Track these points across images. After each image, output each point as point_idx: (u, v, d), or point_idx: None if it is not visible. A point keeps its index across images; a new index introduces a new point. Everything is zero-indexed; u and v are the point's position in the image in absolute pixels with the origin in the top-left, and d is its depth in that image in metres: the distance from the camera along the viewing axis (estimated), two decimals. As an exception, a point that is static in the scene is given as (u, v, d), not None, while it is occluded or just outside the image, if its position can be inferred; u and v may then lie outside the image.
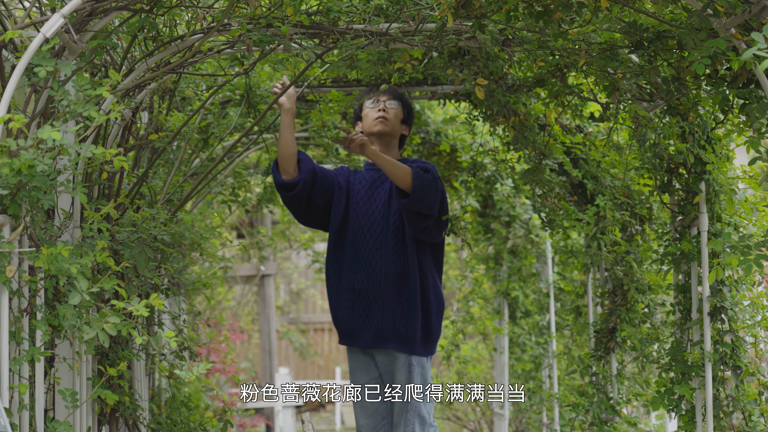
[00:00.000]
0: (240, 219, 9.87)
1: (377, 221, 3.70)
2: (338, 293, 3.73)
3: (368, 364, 3.74)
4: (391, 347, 3.64)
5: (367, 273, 3.67)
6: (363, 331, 3.68)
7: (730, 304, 3.53)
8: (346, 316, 3.70)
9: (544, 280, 6.72)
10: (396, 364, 3.65)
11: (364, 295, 3.67)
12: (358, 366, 3.75)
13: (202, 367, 2.79)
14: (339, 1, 3.24)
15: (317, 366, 14.14)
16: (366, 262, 3.67)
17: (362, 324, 3.67)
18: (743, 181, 3.71)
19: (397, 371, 3.64)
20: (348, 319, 3.69)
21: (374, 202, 3.73)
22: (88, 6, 2.72)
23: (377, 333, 3.65)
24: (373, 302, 3.65)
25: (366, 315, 3.66)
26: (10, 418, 2.60)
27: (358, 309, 3.67)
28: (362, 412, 3.73)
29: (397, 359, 3.65)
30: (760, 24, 2.56)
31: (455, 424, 9.36)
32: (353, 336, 3.71)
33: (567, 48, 3.27)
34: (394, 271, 3.65)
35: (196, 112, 3.98)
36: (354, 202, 3.75)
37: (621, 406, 4.67)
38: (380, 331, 3.64)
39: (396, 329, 3.62)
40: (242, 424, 8.95)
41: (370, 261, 3.67)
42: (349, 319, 3.69)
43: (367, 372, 3.73)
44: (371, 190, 3.76)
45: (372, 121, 3.75)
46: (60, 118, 2.62)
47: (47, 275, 2.69)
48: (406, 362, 3.63)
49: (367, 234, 3.70)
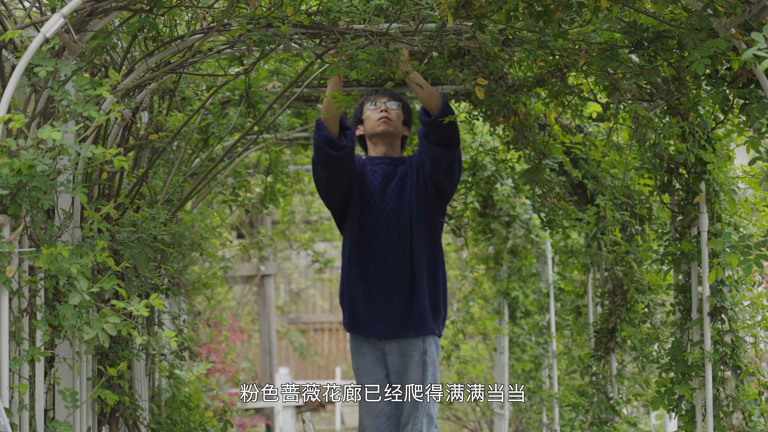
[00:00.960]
0: (240, 219, 9.87)
1: (391, 213, 3.75)
2: (353, 283, 3.77)
3: (376, 364, 3.72)
4: (410, 335, 3.68)
5: (383, 264, 3.71)
6: (381, 321, 3.69)
7: (730, 304, 3.53)
8: (362, 306, 3.73)
9: (544, 280, 6.72)
10: (409, 362, 3.66)
11: (381, 285, 3.71)
12: (366, 366, 3.74)
13: (202, 367, 2.80)
14: (339, 1, 3.24)
15: (317, 366, 14.14)
16: (382, 252, 3.71)
17: (381, 314, 3.69)
18: (743, 181, 3.71)
19: (411, 369, 3.66)
20: (365, 310, 3.71)
21: (387, 194, 3.77)
22: (88, 6, 2.72)
23: (396, 323, 3.68)
24: (392, 293, 3.68)
25: (385, 306, 3.68)
26: (10, 418, 2.60)
27: (375, 300, 3.70)
28: (367, 413, 3.73)
29: (411, 355, 3.66)
30: (760, 24, 2.56)
31: (455, 424, 9.36)
32: (368, 327, 3.71)
33: (567, 48, 3.27)
34: (408, 262, 3.71)
35: (196, 112, 3.98)
36: (368, 193, 3.80)
37: (621, 406, 4.67)
38: (398, 321, 3.67)
39: (412, 317, 3.67)
40: (242, 424, 8.95)
41: (386, 251, 3.72)
42: (366, 309, 3.70)
43: (374, 372, 3.73)
44: (384, 182, 3.80)
45: (375, 122, 3.78)
46: (60, 118, 2.62)
47: (47, 275, 2.69)
48: (420, 350, 3.66)
49: (381, 225, 3.75)
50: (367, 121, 3.82)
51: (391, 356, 3.71)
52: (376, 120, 3.78)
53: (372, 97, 3.84)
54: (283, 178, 6.30)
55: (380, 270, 3.72)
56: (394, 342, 3.70)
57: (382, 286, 3.72)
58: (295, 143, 6.14)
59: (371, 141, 3.87)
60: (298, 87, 4.37)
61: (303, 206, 9.16)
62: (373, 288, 3.72)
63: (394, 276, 3.70)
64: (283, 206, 7.38)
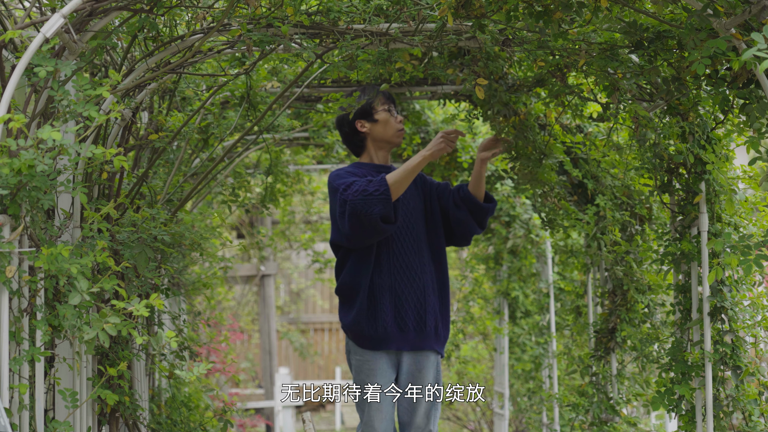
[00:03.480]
0: (240, 219, 9.87)
1: (414, 226, 3.65)
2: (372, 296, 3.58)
3: (390, 367, 3.63)
4: (435, 348, 3.64)
5: (408, 277, 3.61)
6: (406, 332, 3.59)
7: (730, 304, 3.53)
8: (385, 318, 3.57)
9: (544, 280, 6.72)
10: (426, 364, 3.63)
11: (406, 298, 3.59)
12: (381, 368, 3.59)
13: (202, 368, 2.79)
14: (339, 1, 3.24)
15: (317, 366, 14.14)
16: (405, 265, 3.61)
17: (406, 326, 3.59)
18: (743, 181, 3.71)
19: (427, 371, 3.62)
20: (388, 323, 3.57)
21: (408, 206, 3.67)
22: (88, 6, 2.72)
23: (423, 335, 3.61)
24: (418, 305, 3.60)
25: (411, 318, 3.60)
26: (10, 418, 2.60)
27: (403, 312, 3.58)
28: (379, 416, 3.60)
29: (428, 359, 3.64)
30: (760, 24, 2.56)
31: (455, 424, 9.36)
32: (388, 340, 3.57)
33: (567, 48, 3.28)
34: (431, 273, 3.65)
35: (196, 112, 3.98)
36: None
37: (621, 406, 4.67)
38: (426, 333, 3.61)
39: (438, 331, 3.63)
40: (242, 424, 8.95)
41: (409, 264, 3.61)
42: (390, 322, 3.56)
43: (390, 375, 3.63)
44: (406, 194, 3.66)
45: (395, 132, 3.66)
46: (60, 118, 2.62)
47: (47, 275, 2.69)
48: (435, 361, 3.65)
49: (405, 238, 3.64)
50: (385, 126, 3.66)
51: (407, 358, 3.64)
52: (397, 131, 3.67)
53: (387, 102, 3.68)
54: (283, 178, 6.30)
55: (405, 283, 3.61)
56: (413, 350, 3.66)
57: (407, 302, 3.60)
58: (295, 143, 6.15)
59: (376, 144, 3.70)
60: (297, 87, 4.38)
61: (303, 206, 9.16)
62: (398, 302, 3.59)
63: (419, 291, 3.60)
64: (283, 206, 7.38)
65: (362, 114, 3.67)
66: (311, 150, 6.54)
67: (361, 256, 3.59)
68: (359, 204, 3.39)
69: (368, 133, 3.67)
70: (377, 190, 3.39)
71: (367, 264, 3.58)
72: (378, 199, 3.38)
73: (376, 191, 3.39)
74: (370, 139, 3.69)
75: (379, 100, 3.66)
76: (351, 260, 3.60)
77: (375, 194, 3.39)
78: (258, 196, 6.63)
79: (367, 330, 3.58)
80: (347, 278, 3.61)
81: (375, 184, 3.40)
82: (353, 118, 3.67)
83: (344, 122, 3.70)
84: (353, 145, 3.74)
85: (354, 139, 3.72)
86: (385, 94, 3.68)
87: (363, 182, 3.43)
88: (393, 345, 3.59)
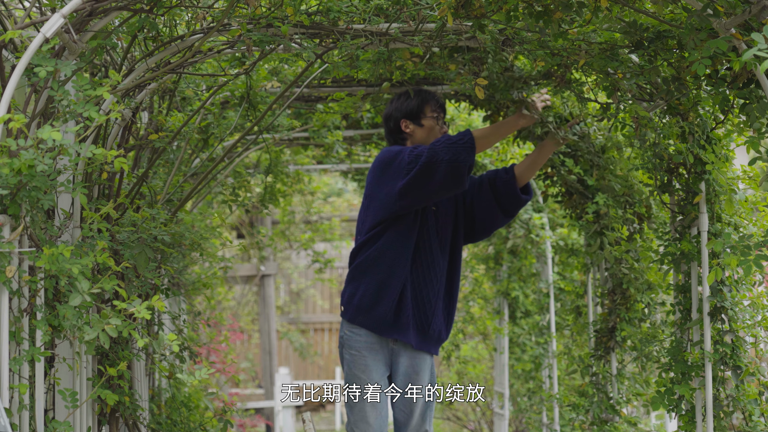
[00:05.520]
0: (240, 219, 9.87)
1: (443, 222, 3.65)
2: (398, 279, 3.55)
3: (385, 364, 3.62)
4: (433, 351, 3.65)
5: (426, 272, 3.59)
6: (412, 329, 3.59)
7: (730, 304, 3.53)
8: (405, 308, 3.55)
9: (544, 280, 6.72)
10: (423, 366, 3.63)
11: (420, 294, 3.57)
12: (375, 364, 3.58)
13: (203, 372, 2.79)
14: (339, 1, 3.24)
15: (317, 366, 14.14)
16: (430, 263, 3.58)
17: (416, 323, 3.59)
18: (743, 181, 3.71)
19: (423, 372, 3.62)
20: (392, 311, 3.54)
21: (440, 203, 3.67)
22: (88, 6, 2.72)
23: (426, 336, 3.61)
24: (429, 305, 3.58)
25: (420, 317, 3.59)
26: (10, 418, 2.60)
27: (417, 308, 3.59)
28: (373, 413, 3.59)
29: (424, 361, 3.63)
30: (760, 24, 2.56)
31: (455, 424, 9.37)
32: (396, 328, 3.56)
33: (567, 48, 3.28)
34: (447, 275, 3.64)
35: (196, 112, 3.98)
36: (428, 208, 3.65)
37: (621, 405, 4.67)
38: (429, 336, 3.61)
39: (440, 335, 3.64)
40: (242, 424, 8.95)
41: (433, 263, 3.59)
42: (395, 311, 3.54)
43: (383, 371, 3.62)
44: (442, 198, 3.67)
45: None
46: (60, 118, 2.62)
47: (47, 275, 2.69)
48: (430, 362, 3.66)
49: (432, 234, 3.63)
50: (429, 132, 3.63)
51: (404, 356, 3.63)
52: None
53: (437, 110, 3.65)
54: (283, 178, 6.31)
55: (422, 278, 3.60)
56: (410, 350, 3.64)
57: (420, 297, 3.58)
58: (295, 143, 6.15)
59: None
60: (297, 87, 4.38)
61: (303, 206, 9.17)
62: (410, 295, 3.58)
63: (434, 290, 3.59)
64: (283, 206, 7.39)
65: (410, 115, 3.65)
66: (311, 150, 6.55)
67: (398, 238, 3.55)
68: (442, 151, 3.36)
69: (411, 134, 3.66)
70: (461, 139, 3.38)
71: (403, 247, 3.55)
72: (463, 147, 3.37)
73: (460, 140, 3.38)
74: (411, 141, 3.67)
75: (430, 107, 3.64)
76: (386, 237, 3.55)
77: (459, 143, 3.38)
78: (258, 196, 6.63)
79: (380, 310, 3.54)
80: (375, 253, 3.55)
81: (459, 135, 3.40)
82: (400, 116, 3.66)
83: (391, 118, 3.69)
84: (393, 141, 3.74)
85: (396, 136, 3.70)
86: (439, 101, 3.65)
87: (443, 137, 3.45)
88: (395, 334, 3.56)
